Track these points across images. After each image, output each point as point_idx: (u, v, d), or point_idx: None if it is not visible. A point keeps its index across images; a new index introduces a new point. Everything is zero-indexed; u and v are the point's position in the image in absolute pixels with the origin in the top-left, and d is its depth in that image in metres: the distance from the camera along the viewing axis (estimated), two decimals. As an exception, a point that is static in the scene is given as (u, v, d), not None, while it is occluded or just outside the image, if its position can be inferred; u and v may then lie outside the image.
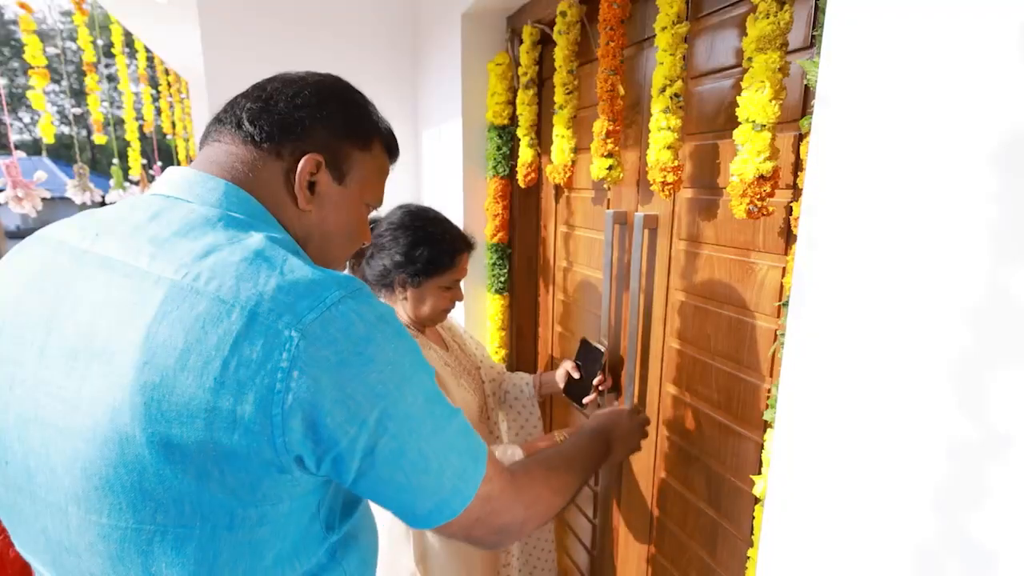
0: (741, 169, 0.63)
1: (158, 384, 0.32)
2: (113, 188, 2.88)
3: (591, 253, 1.10)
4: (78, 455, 0.34)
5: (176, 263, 0.35)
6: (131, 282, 0.35)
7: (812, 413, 0.47)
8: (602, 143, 0.91)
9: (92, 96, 2.51)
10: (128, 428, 0.33)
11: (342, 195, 0.48)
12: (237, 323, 0.33)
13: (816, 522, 0.47)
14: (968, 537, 0.36)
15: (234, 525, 0.35)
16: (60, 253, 0.39)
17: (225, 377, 0.32)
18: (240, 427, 0.33)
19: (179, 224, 0.39)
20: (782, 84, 0.60)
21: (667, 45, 0.74)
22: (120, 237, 0.38)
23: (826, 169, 0.45)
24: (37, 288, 0.38)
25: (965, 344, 0.35)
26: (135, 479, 0.33)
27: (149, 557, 0.35)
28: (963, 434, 0.36)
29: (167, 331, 0.33)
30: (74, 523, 0.36)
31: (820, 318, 0.46)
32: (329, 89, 0.49)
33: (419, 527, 0.41)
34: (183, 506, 0.34)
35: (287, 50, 1.53)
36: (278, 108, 0.46)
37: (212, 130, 0.47)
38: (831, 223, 0.44)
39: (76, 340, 0.35)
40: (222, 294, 0.34)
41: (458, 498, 0.41)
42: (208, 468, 0.33)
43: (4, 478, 0.39)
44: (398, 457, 0.37)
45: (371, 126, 0.51)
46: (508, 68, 1.26)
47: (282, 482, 0.36)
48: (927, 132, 0.37)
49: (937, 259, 0.37)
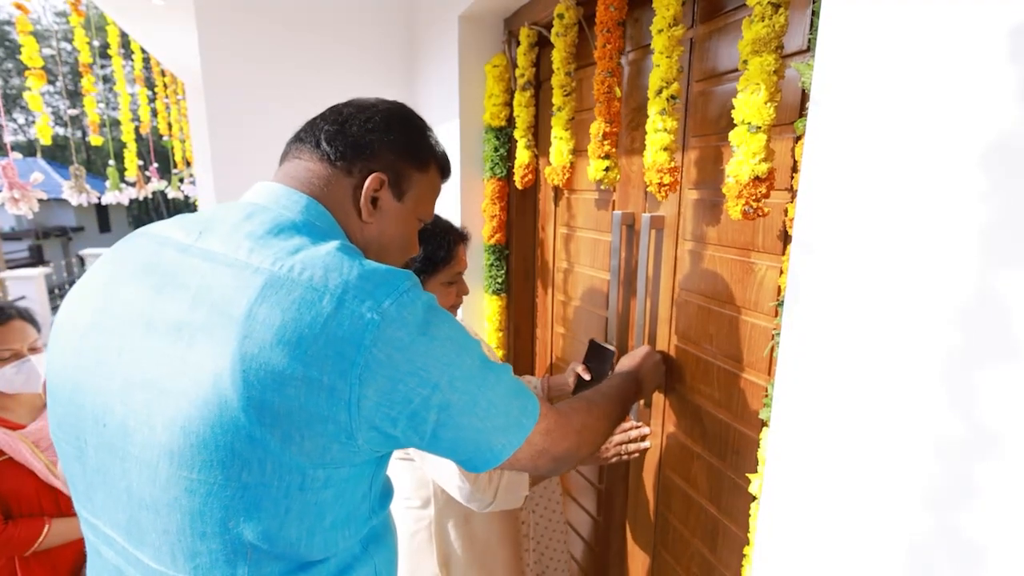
0: (737, 170, 0.64)
1: (256, 355, 0.38)
2: (109, 189, 2.86)
3: (595, 254, 1.11)
4: (179, 414, 0.39)
5: (272, 256, 0.42)
6: (233, 270, 0.42)
7: (807, 412, 0.48)
8: (599, 144, 0.91)
9: (88, 97, 2.50)
10: (228, 393, 0.37)
11: (400, 211, 0.55)
12: (328, 307, 0.39)
13: (811, 519, 0.48)
14: (958, 533, 0.37)
15: (304, 485, 0.40)
16: (166, 247, 0.46)
17: (315, 351, 0.38)
18: (324, 394, 0.38)
19: (270, 225, 0.45)
20: (777, 86, 0.60)
21: (663, 48, 0.75)
22: (220, 234, 0.45)
23: (820, 170, 0.45)
24: (145, 274, 0.45)
25: (955, 343, 0.36)
26: (228, 439, 0.38)
27: (228, 511, 0.40)
28: (953, 432, 0.36)
29: (266, 311, 0.39)
30: (163, 478, 0.40)
31: (814, 318, 0.46)
32: (396, 115, 0.55)
33: (491, 464, 0.48)
34: (265, 465, 0.39)
35: (284, 52, 1.53)
36: (352, 131, 0.52)
37: (293, 148, 0.54)
38: (825, 224, 0.45)
39: (181, 315, 0.41)
40: (314, 282, 0.40)
41: (522, 431, 0.48)
42: (291, 431, 0.38)
43: (99, 439, 0.44)
44: (471, 407, 0.44)
45: (428, 149, 0.57)
46: (505, 70, 1.26)
47: (347, 449, 0.41)
48: (918, 134, 0.38)
49: (928, 259, 0.37)
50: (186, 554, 0.41)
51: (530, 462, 0.50)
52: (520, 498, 0.83)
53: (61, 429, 0.47)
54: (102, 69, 3.21)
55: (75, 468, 0.47)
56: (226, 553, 0.41)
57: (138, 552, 0.44)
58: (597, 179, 0.93)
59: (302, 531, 0.42)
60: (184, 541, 0.41)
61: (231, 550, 0.41)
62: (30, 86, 1.93)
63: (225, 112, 1.51)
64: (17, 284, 5.24)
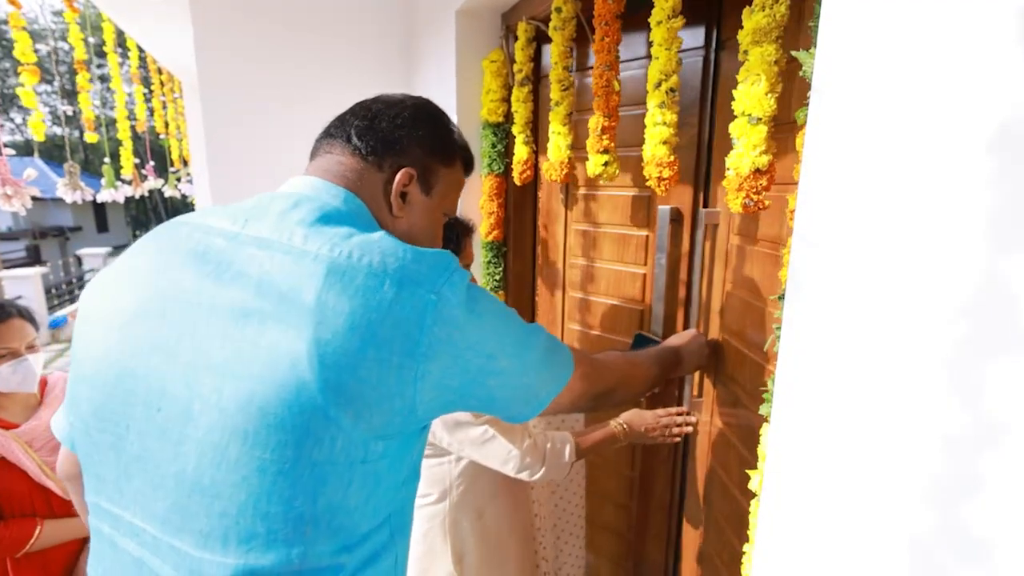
0: (737, 163, 0.63)
1: (330, 339, 0.40)
2: (104, 187, 2.85)
3: (624, 249, 1.12)
4: (255, 396, 0.40)
5: (328, 243, 0.43)
6: (291, 257, 0.43)
7: (808, 406, 0.47)
8: (598, 139, 0.90)
9: (83, 94, 2.47)
10: (306, 375, 0.39)
11: (427, 205, 0.57)
12: (389, 291, 0.42)
13: (812, 516, 0.47)
14: (963, 529, 0.36)
15: (366, 458, 0.43)
16: (213, 235, 0.47)
17: (383, 333, 0.41)
18: (393, 372, 0.41)
19: (318, 213, 0.47)
20: (778, 77, 0.59)
21: (662, 40, 0.74)
22: (269, 223, 0.46)
23: (821, 160, 0.44)
24: (199, 262, 0.45)
25: (960, 334, 0.35)
26: (304, 419, 0.40)
27: (295, 489, 0.41)
28: (958, 425, 0.36)
29: (335, 298, 0.41)
30: (232, 458, 0.41)
31: (815, 310, 0.46)
32: (423, 111, 0.57)
33: (535, 413, 0.54)
34: (336, 442, 0.41)
35: (280, 50, 1.52)
36: (381, 127, 0.54)
37: (324, 143, 0.56)
38: (826, 214, 0.44)
39: (246, 302, 0.42)
40: (374, 267, 0.42)
41: (562, 381, 0.55)
42: (362, 409, 0.41)
43: (148, 425, 0.44)
44: (521, 368, 0.49)
45: (454, 145, 0.59)
46: (503, 65, 1.25)
47: (408, 420, 0.44)
48: (923, 121, 0.37)
49: (932, 249, 0.37)
50: (241, 536, 0.42)
51: (570, 404, 0.58)
52: (566, 465, 0.86)
53: (97, 416, 0.46)
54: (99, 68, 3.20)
55: (107, 457, 0.46)
56: (285, 533, 0.42)
57: (175, 540, 0.44)
58: (595, 174, 0.92)
59: (359, 500, 0.44)
60: (243, 523, 0.42)
61: (290, 529, 0.42)
62: (23, 82, 1.91)
63: (221, 110, 1.50)
64: (13, 284, 5.21)
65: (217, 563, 0.43)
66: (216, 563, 0.43)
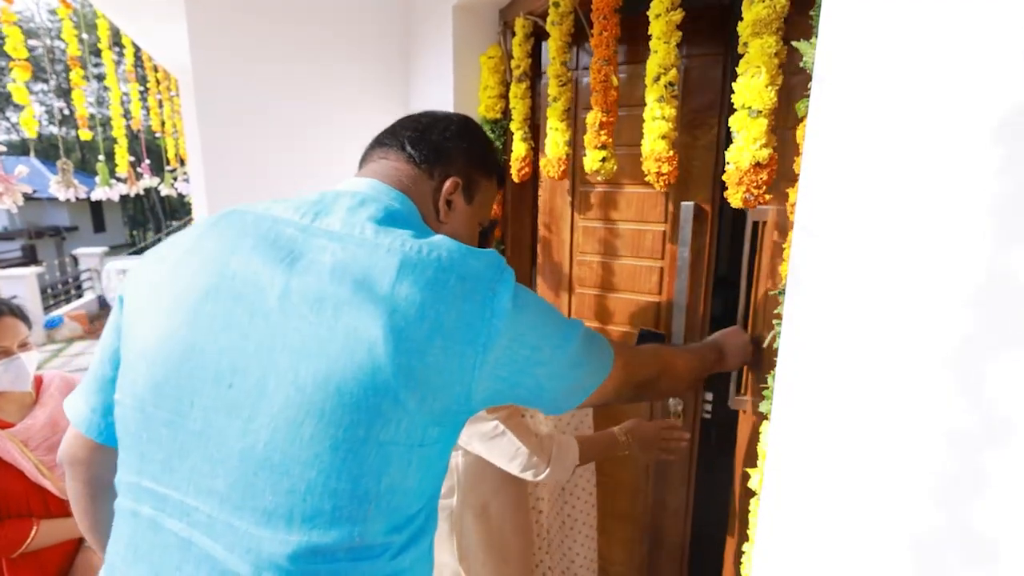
0: (737, 156, 0.62)
1: (404, 327, 0.43)
2: (99, 185, 2.82)
3: (640, 245, 1.16)
4: (332, 375, 0.42)
5: (399, 239, 0.47)
6: (364, 250, 0.46)
7: (809, 403, 0.46)
8: (595, 134, 0.89)
9: (77, 91, 2.45)
10: (381, 359, 0.42)
11: (468, 213, 0.61)
12: (455, 286, 0.45)
13: (813, 515, 0.46)
14: (968, 528, 0.35)
15: (424, 441, 0.46)
16: (283, 225, 0.49)
17: (449, 323, 0.44)
18: (457, 359, 0.44)
19: (384, 212, 0.50)
20: (779, 69, 0.59)
21: (661, 33, 0.73)
22: (339, 218, 0.49)
23: (823, 151, 0.43)
24: (272, 247, 0.48)
25: (965, 328, 0.34)
26: (376, 400, 0.42)
27: (364, 467, 0.44)
28: (964, 421, 0.35)
29: (407, 289, 0.44)
30: (307, 435, 0.43)
31: (817, 305, 0.45)
32: (469, 126, 0.63)
33: (578, 402, 0.55)
34: (402, 424, 0.44)
35: (277, 46, 1.50)
36: (432, 138, 0.59)
37: (376, 150, 0.60)
38: (828, 207, 0.43)
39: (322, 288, 0.44)
40: (441, 263, 0.45)
41: (604, 371, 0.57)
42: (427, 393, 0.44)
43: (216, 401, 0.45)
44: (564, 358, 0.51)
45: (493, 159, 0.64)
46: (501, 61, 1.24)
47: (462, 408, 0.47)
48: (927, 110, 0.36)
49: (937, 242, 0.36)
50: (307, 514, 0.44)
51: (614, 392, 0.59)
52: (570, 467, 0.85)
53: (156, 392, 0.47)
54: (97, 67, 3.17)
55: (159, 434, 0.47)
56: (350, 510, 0.44)
57: (233, 518, 0.44)
58: (593, 170, 0.91)
59: (415, 482, 0.47)
60: (311, 500, 0.43)
61: (355, 507, 0.44)
62: (15, 78, 1.89)
63: (216, 107, 1.48)
64: (8, 283, 5.18)
65: (280, 540, 0.44)
66: (279, 540, 0.44)
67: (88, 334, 5.62)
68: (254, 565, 0.44)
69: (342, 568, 0.45)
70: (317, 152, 1.60)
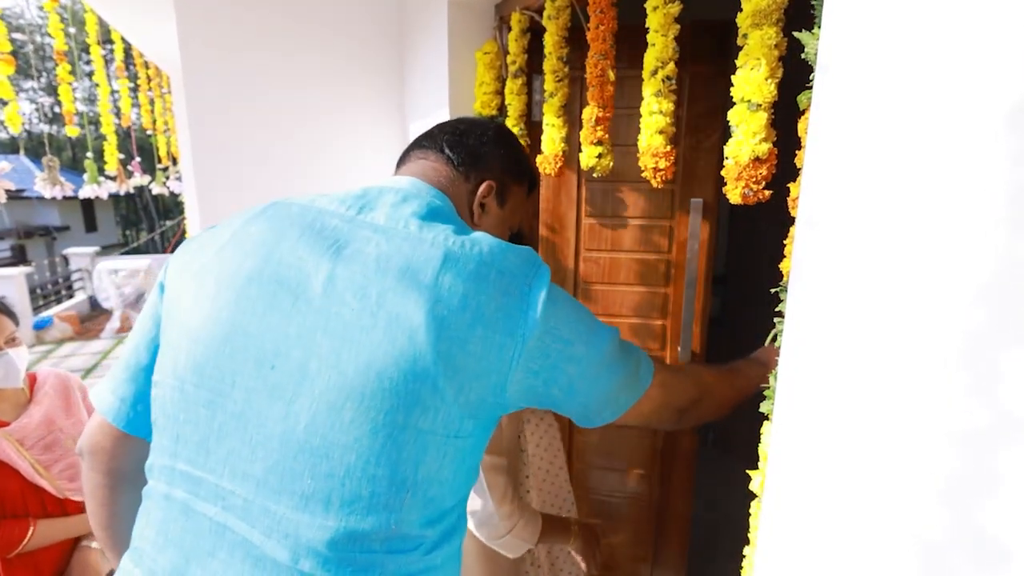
0: (736, 151, 0.61)
1: (446, 316, 0.43)
2: (87, 183, 2.77)
3: (648, 240, 1.25)
4: (374, 361, 0.43)
5: (443, 233, 0.47)
6: (409, 243, 0.47)
7: (812, 402, 0.45)
8: (592, 130, 0.88)
9: (64, 86, 2.41)
10: (423, 347, 0.43)
11: (501, 217, 0.63)
12: (496, 279, 0.46)
13: (817, 518, 0.44)
14: (978, 530, 0.34)
15: (459, 433, 0.46)
16: (330, 217, 0.50)
17: (490, 314, 0.44)
18: (495, 350, 0.45)
19: (427, 209, 0.51)
20: (778, 62, 0.57)
21: (658, 26, 0.72)
22: (383, 212, 0.50)
23: (826, 141, 0.42)
24: (318, 237, 0.48)
25: (976, 323, 0.33)
26: (417, 386, 0.43)
27: (402, 453, 0.44)
28: (974, 419, 0.33)
29: (450, 280, 0.44)
30: (347, 419, 0.43)
31: (820, 300, 0.43)
32: (504, 133, 0.65)
33: (613, 416, 0.53)
34: (439, 413, 0.44)
35: (268, 41, 1.48)
36: (470, 143, 0.61)
37: (415, 151, 0.62)
38: (832, 199, 0.42)
39: (367, 277, 0.45)
40: (483, 257, 0.46)
41: (642, 385, 0.54)
42: (464, 383, 0.44)
43: (259, 382, 0.45)
44: (600, 357, 0.50)
45: (526, 165, 0.66)
46: (496, 57, 1.23)
47: (496, 402, 0.47)
48: (936, 97, 0.35)
49: (946, 233, 0.34)
50: (345, 498, 0.44)
51: (653, 414, 0.57)
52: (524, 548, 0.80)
53: (197, 372, 0.47)
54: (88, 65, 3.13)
55: (197, 415, 0.47)
56: (387, 497, 0.44)
57: (271, 502, 0.44)
58: (589, 166, 0.89)
59: (450, 474, 0.47)
60: (349, 484, 0.43)
61: (392, 494, 0.44)
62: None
63: (206, 103, 1.45)
64: (-4, 283, 5.09)
65: (317, 525, 0.43)
66: (316, 525, 0.43)
67: (79, 335, 5.54)
68: (292, 550, 0.44)
69: (378, 559, 0.45)
70: (309, 149, 1.58)
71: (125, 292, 5.51)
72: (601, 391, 0.52)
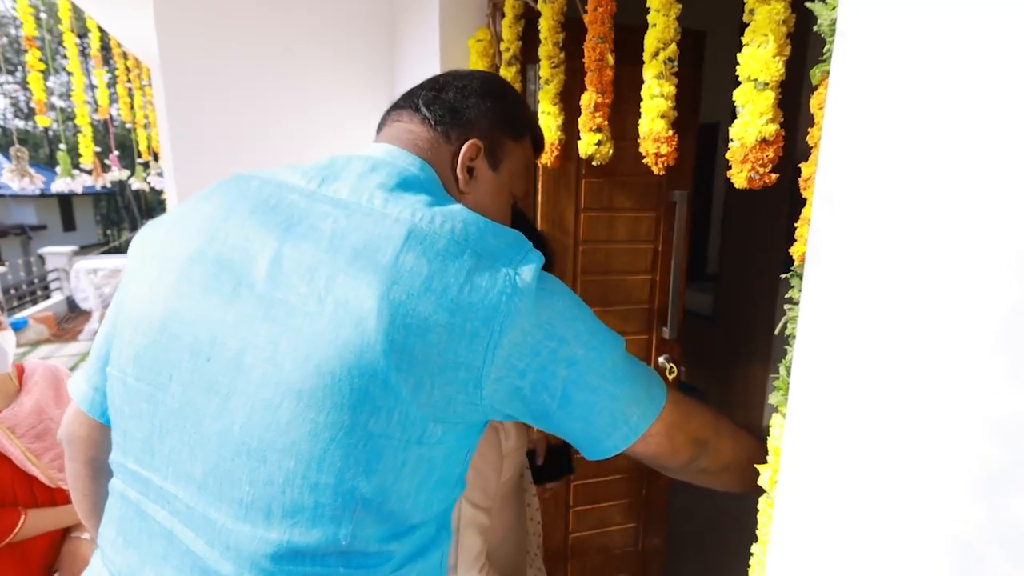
0: (741, 133, 0.58)
1: (404, 301, 0.38)
2: (60, 176, 2.66)
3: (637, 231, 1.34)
4: (313, 354, 0.37)
5: (409, 208, 0.41)
6: (371, 219, 0.41)
7: (830, 393, 0.42)
8: (590, 116, 0.85)
9: (34, 74, 2.30)
10: (371, 336, 0.37)
11: (495, 182, 0.54)
12: (469, 260, 0.40)
13: (838, 515, 0.42)
14: (1018, 525, 0.31)
15: (423, 439, 0.40)
16: (287, 191, 0.45)
17: (460, 300, 0.38)
18: (465, 340, 0.38)
19: (398, 178, 0.45)
20: (786, 39, 0.55)
21: (660, 5, 0.69)
22: (347, 184, 0.44)
23: (846, 114, 0.40)
24: (269, 213, 0.43)
25: (1014, 300, 0.31)
26: (364, 382, 0.37)
27: (348, 460, 0.38)
28: (1008, 408, 0.31)
29: (413, 260, 0.39)
30: (284, 419, 0.38)
31: (840, 283, 0.41)
32: (492, 83, 0.55)
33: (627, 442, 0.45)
34: (393, 414, 0.38)
35: (251, 29, 1.42)
36: (448, 96, 0.52)
37: (391, 114, 0.55)
38: (853, 174, 0.39)
39: (316, 257, 0.40)
40: (455, 235, 0.40)
41: (657, 402, 0.46)
42: (423, 378, 0.38)
43: (194, 376, 0.40)
44: (599, 365, 0.43)
45: (523, 119, 0.56)
46: (489, 44, 1.19)
47: (470, 402, 0.41)
48: (966, 55, 0.32)
49: (980, 206, 0.32)
50: (286, 509, 0.39)
51: (668, 441, 0.47)
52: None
53: (136, 363, 0.43)
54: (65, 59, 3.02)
55: (140, 409, 0.43)
56: (334, 508, 0.39)
57: (211, 509, 0.40)
58: (588, 154, 0.86)
59: (412, 487, 0.41)
60: (289, 493, 0.38)
61: (340, 504, 0.39)
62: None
63: (186, 94, 1.39)
64: (-33, 283, 4.89)
65: (258, 538, 0.39)
66: (257, 538, 0.39)
67: (56, 337, 5.36)
68: (235, 564, 0.39)
69: (337, 575, 0.40)
70: (295, 141, 1.53)
71: (105, 292, 5.34)
72: (605, 406, 0.43)
